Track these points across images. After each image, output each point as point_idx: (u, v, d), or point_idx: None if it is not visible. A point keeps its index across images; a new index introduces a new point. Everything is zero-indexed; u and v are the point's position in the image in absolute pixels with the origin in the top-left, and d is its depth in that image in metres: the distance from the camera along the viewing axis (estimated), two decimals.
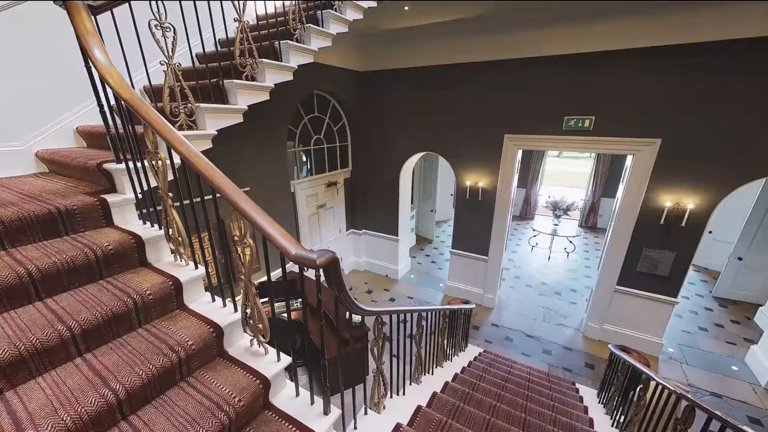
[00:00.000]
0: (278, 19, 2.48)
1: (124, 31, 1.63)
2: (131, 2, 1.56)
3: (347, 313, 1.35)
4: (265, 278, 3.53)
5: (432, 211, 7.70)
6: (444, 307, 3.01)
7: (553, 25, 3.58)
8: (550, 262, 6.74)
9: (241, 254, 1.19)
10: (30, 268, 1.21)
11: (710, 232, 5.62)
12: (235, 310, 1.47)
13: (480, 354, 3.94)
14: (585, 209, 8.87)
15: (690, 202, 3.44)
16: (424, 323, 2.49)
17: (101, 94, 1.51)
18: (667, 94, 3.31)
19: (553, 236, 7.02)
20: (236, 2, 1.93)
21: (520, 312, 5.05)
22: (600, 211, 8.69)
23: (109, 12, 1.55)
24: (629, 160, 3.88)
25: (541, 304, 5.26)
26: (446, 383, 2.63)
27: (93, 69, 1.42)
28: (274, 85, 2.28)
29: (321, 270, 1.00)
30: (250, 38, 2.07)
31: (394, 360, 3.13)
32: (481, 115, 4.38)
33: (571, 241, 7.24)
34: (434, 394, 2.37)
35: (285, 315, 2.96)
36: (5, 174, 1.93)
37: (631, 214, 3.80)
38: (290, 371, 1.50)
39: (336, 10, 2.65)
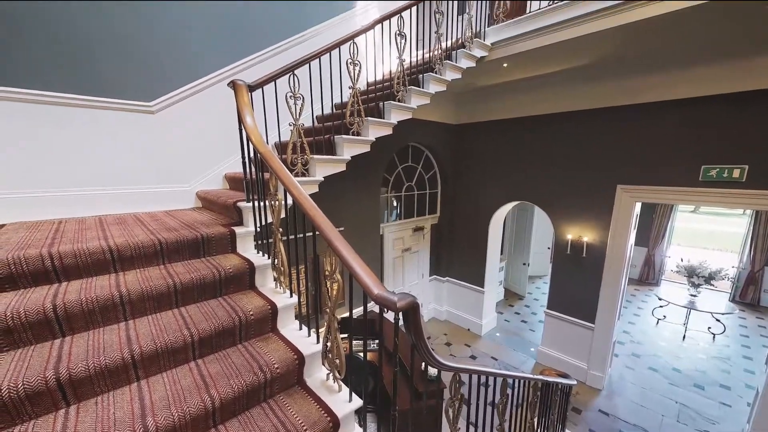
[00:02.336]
0: (385, 83, 2.85)
1: (268, 100, 2.11)
2: (276, 81, 2.03)
3: (423, 363, 1.30)
4: (347, 314, 3.68)
5: (525, 264, 7.02)
6: (536, 377, 2.60)
7: (676, 69, 3.16)
8: (686, 343, 5.27)
9: (329, 288, 1.30)
10: (176, 281, 1.55)
11: None
12: (318, 341, 1.57)
13: None
14: (739, 280, 6.83)
15: None
16: (509, 392, 2.18)
17: (245, 149, 1.94)
18: None
19: (689, 310, 5.53)
20: (351, 74, 2.31)
21: (642, 403, 3.97)
22: (764, 284, 6.57)
23: (259, 89, 2.03)
24: None
25: (674, 397, 4.06)
26: None
27: (243, 130, 1.86)
28: (375, 138, 2.56)
29: (400, 313, 1.02)
30: (359, 101, 2.43)
31: (471, 428, 2.78)
32: (585, 163, 3.99)
33: (718, 320, 5.57)
34: None
35: (361, 354, 2.99)
36: (176, 207, 2.59)
37: None
38: (360, 415, 1.48)
39: (436, 72, 2.90)
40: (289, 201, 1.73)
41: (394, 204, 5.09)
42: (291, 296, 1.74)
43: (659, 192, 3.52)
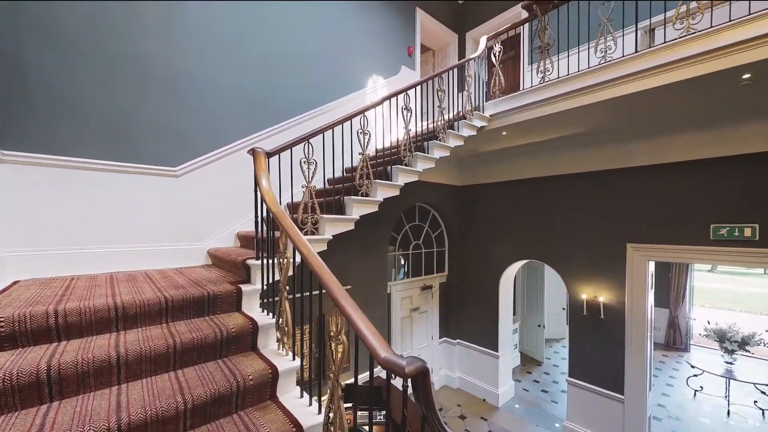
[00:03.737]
0: (392, 150, 3.07)
1: (284, 165, 2.28)
2: (292, 148, 2.21)
3: None
4: (352, 380, 3.43)
5: (540, 326, 6.63)
6: None
7: (681, 132, 3.30)
8: (732, 420, 4.66)
9: (334, 350, 1.25)
10: (176, 341, 1.51)
11: None
12: (319, 411, 1.45)
13: None
14: None
15: None
16: None
17: (258, 208, 2.03)
18: None
19: (728, 380, 5.00)
20: (361, 141, 2.51)
21: None
22: None
23: (276, 155, 2.20)
24: None
25: None
26: None
27: (258, 191, 1.97)
28: (383, 199, 2.67)
29: (409, 380, 0.96)
30: (368, 165, 2.59)
31: None
32: (593, 223, 4.01)
33: (764, 392, 4.99)
34: None
35: (366, 428, 2.71)
36: (186, 264, 2.63)
37: None
38: None
39: (440, 140, 3.13)
40: (298, 259, 1.76)
41: (402, 262, 5.06)
42: (293, 359, 1.66)
43: (670, 251, 3.46)
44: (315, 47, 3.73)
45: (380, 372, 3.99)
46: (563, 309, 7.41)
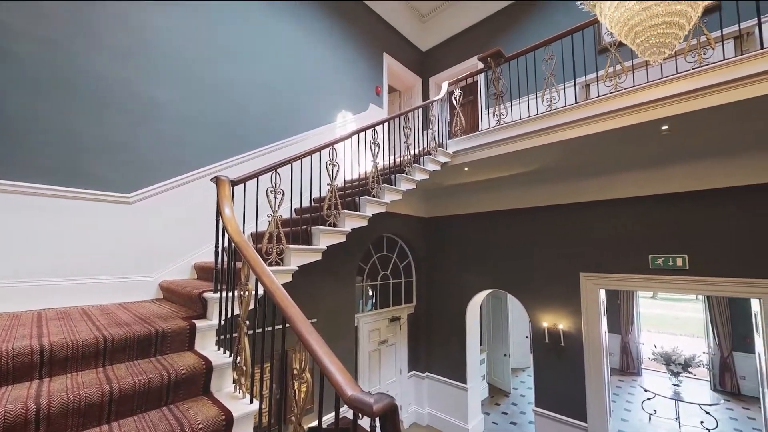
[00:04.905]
0: (361, 181, 3.12)
1: (249, 194, 2.22)
2: (259, 177, 2.18)
3: None
4: (315, 422, 3.19)
5: (506, 355, 6.70)
6: None
7: (626, 171, 3.68)
8: None
9: (297, 390, 1.18)
10: (114, 388, 1.33)
11: None
12: None
13: None
14: (713, 366, 6.82)
15: None
16: None
17: (220, 238, 1.94)
18: None
19: (677, 402, 5.30)
20: (330, 173, 2.54)
21: None
22: (738, 370, 6.58)
23: (242, 184, 2.16)
24: (755, 304, 3.17)
25: None
26: None
27: (220, 221, 1.89)
28: (351, 229, 2.67)
29: (377, 419, 0.92)
30: (336, 196, 2.61)
31: None
32: (551, 253, 4.27)
33: (708, 412, 5.33)
34: None
35: None
36: (133, 299, 2.39)
37: None
38: None
39: (407, 173, 3.25)
40: (260, 291, 1.67)
41: (370, 293, 4.97)
42: (251, 402, 1.53)
43: (617, 279, 3.74)
44: (286, 80, 3.83)
45: (347, 412, 3.76)
46: (527, 337, 7.58)
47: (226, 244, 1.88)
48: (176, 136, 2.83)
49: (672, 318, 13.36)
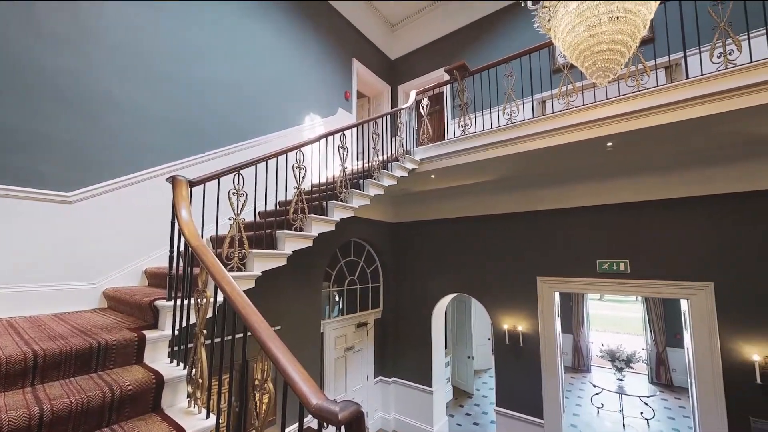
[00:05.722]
0: (329, 185, 3.09)
1: (210, 196, 2.11)
2: (220, 179, 2.08)
3: None
4: None
5: (469, 357, 6.90)
6: None
7: (578, 182, 3.95)
8: (627, 431, 5.31)
9: (258, 402, 1.13)
10: (45, 409, 1.19)
11: None
12: None
13: None
14: (651, 361, 7.52)
15: None
16: None
17: (175, 242, 1.82)
18: (720, 237, 3.22)
19: (620, 395, 5.77)
20: (296, 176, 2.48)
21: None
22: (671, 364, 7.31)
23: (201, 185, 2.04)
24: (684, 304, 3.55)
25: None
26: None
27: (176, 223, 1.78)
28: (318, 234, 2.62)
29: (343, 427, 0.91)
30: (303, 200, 2.55)
31: None
32: (511, 258, 4.48)
33: (646, 404, 5.85)
34: None
35: None
36: (71, 308, 2.16)
37: (711, 372, 3.17)
38: None
39: (375, 179, 3.27)
40: (220, 298, 1.59)
41: (336, 299, 4.90)
42: (207, 417, 1.44)
43: (570, 283, 4.02)
44: (253, 79, 3.70)
45: (311, 422, 3.65)
46: (489, 339, 7.86)
47: (182, 248, 1.77)
48: (130, 133, 2.62)
49: (617, 318, 14.57)
